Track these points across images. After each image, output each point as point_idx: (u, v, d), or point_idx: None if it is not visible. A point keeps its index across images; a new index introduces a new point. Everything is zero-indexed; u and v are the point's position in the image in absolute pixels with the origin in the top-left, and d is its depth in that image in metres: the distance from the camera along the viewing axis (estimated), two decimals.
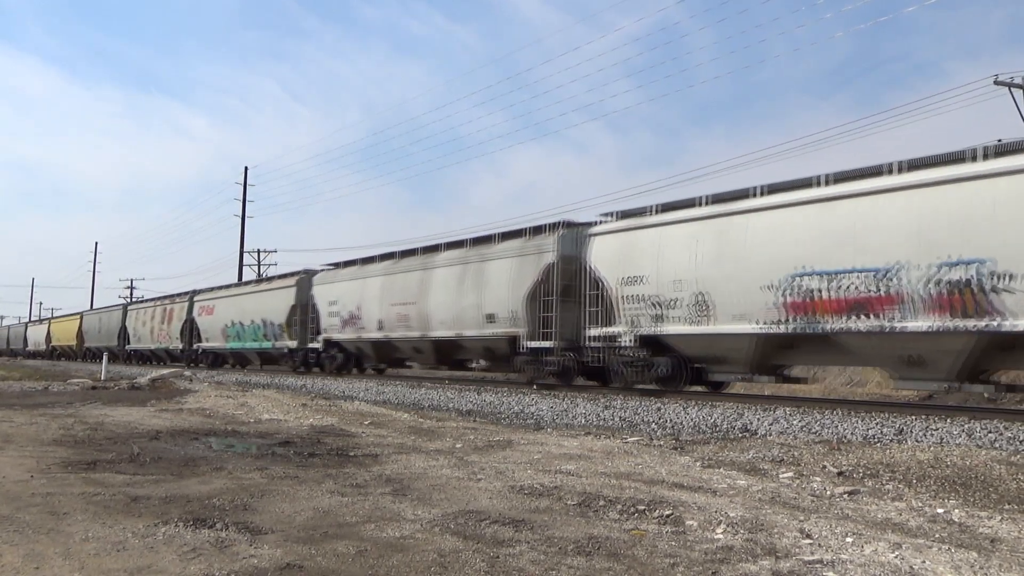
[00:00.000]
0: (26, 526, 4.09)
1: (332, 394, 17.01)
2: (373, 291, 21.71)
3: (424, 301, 19.47)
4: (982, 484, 5.71)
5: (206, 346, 33.34)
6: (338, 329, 23.25)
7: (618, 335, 14.73)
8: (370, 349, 22.41)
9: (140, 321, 41.18)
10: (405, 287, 20.39)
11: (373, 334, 21.57)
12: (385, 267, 21.95)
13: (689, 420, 10.44)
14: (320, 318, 24.30)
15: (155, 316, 38.99)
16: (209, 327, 32.75)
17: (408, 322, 20.05)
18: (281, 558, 3.56)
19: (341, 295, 23.22)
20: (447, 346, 19.41)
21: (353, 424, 10.05)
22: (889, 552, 3.78)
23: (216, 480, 5.61)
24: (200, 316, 33.55)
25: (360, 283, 22.51)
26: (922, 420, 9.34)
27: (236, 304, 30.49)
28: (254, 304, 28.90)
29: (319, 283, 24.95)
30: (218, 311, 31.94)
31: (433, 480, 5.74)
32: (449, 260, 19.37)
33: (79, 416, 10.34)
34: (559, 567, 3.49)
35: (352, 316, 22.47)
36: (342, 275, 23.95)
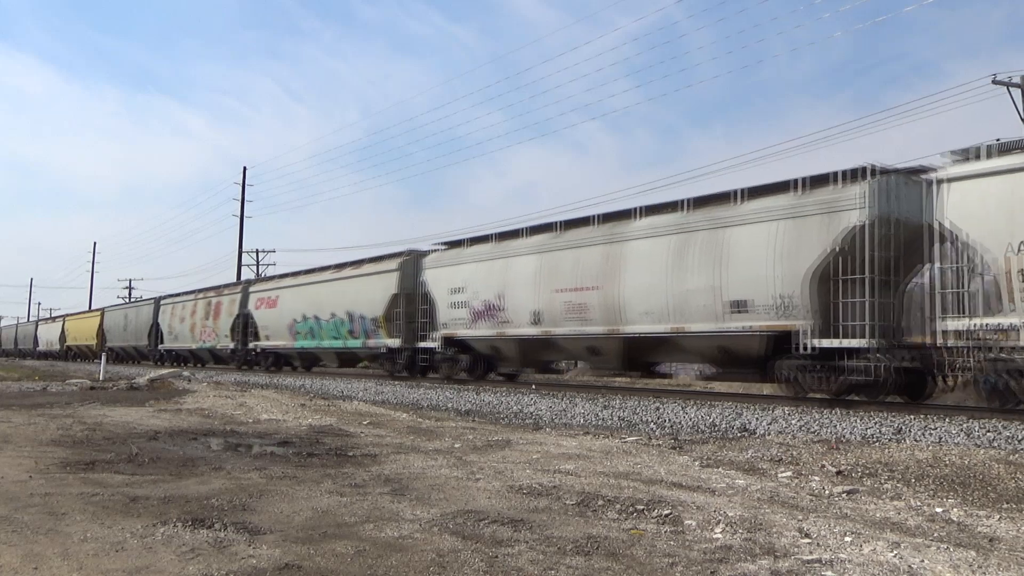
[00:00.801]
0: (25, 526, 4.09)
1: (330, 394, 17.01)
2: (523, 273, 16.72)
3: (613, 285, 14.54)
4: (980, 483, 5.71)
5: (266, 345, 27.99)
6: (466, 324, 18.31)
7: (1014, 328, 9.92)
8: (514, 350, 17.52)
9: (177, 317, 35.84)
10: (578, 267, 15.40)
11: (524, 330, 16.64)
12: (540, 242, 16.82)
13: (688, 420, 10.44)
14: (436, 310, 19.28)
15: (197, 311, 33.77)
16: (271, 322, 27.61)
17: (585, 313, 15.09)
18: (280, 558, 3.56)
19: (470, 280, 18.24)
20: (649, 345, 14.60)
21: (352, 424, 10.04)
22: (888, 551, 3.78)
23: (215, 480, 5.60)
24: (258, 310, 28.46)
25: (501, 264, 17.54)
26: (920, 419, 9.34)
27: (310, 294, 25.30)
28: (336, 294, 23.61)
29: (433, 266, 19.88)
30: (284, 303, 26.80)
31: (432, 480, 5.74)
32: (652, 228, 14.32)
33: (78, 416, 10.34)
34: (558, 567, 3.49)
35: (489, 307, 17.57)
36: (470, 255, 18.80)
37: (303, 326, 25.47)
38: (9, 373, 25.80)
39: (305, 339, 25.49)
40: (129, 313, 43.11)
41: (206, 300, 33.43)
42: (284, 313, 26.67)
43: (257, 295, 29.02)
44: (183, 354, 35.96)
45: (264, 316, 28.14)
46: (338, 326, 23.50)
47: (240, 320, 29.84)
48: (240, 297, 30.27)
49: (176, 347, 36.14)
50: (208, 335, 32.53)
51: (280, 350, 27.60)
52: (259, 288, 29.44)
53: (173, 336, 36.20)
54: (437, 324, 19.37)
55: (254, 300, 29.05)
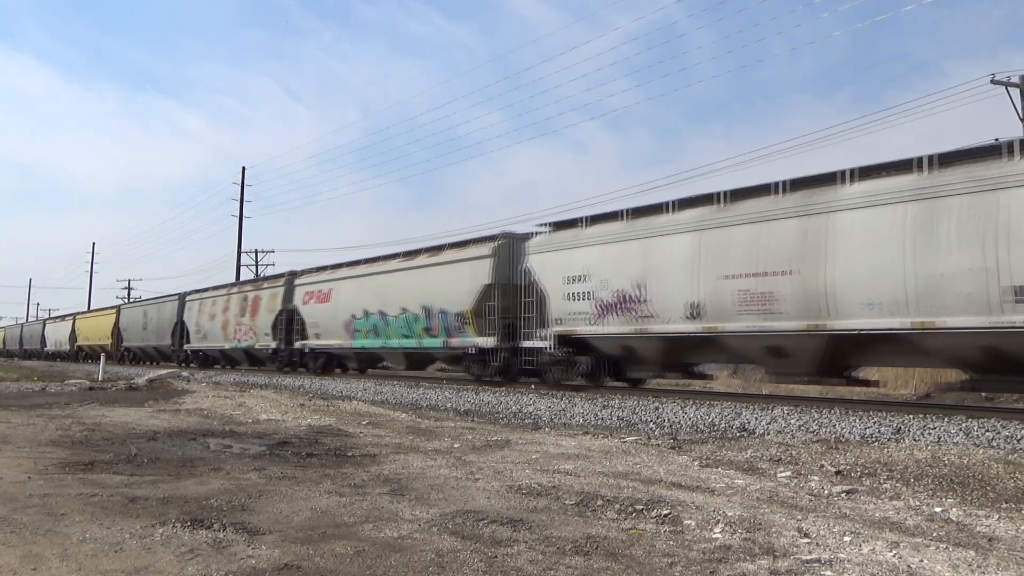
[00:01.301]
0: (24, 527, 4.09)
1: (330, 394, 17.01)
2: (673, 257, 13.57)
3: (814, 268, 11.54)
4: (980, 483, 5.71)
5: (316, 345, 24.87)
6: (588, 319, 15.11)
7: None
8: (655, 350, 14.19)
9: (206, 313, 32.49)
10: (758, 247, 12.33)
11: (674, 326, 13.46)
12: (697, 217, 13.43)
13: (687, 419, 10.45)
14: (546, 303, 16.14)
15: (230, 307, 30.55)
16: (322, 319, 24.38)
17: (770, 305, 12.06)
18: (279, 558, 3.56)
19: (595, 266, 15.00)
20: (864, 344, 11.56)
21: (351, 424, 10.04)
22: (887, 551, 3.79)
23: (214, 481, 5.60)
24: (306, 305, 25.31)
25: (639, 246, 14.27)
26: (920, 419, 9.35)
27: (373, 287, 22.10)
28: (409, 286, 20.48)
29: (540, 250, 16.65)
30: (339, 297, 23.61)
31: (431, 480, 5.74)
32: (874, 195, 11.20)
33: (76, 417, 10.33)
34: (557, 567, 3.49)
35: (624, 299, 14.37)
36: (592, 236, 15.44)
37: (364, 323, 22.17)
38: (8, 373, 25.78)
39: (366, 338, 22.14)
40: (149, 310, 39.51)
41: (241, 295, 30.12)
42: (339, 308, 23.40)
43: (305, 288, 25.60)
44: (212, 355, 32.87)
45: (314, 312, 24.89)
46: (410, 323, 20.28)
47: (283, 317, 26.59)
48: (283, 291, 26.92)
49: (205, 347, 32.88)
50: (244, 334, 29.29)
51: (333, 350, 24.34)
52: (308, 280, 25.87)
53: (201, 335, 32.98)
54: (548, 319, 16.06)
55: (301, 294, 25.78)
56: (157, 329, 37.66)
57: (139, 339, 40.09)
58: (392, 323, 20.96)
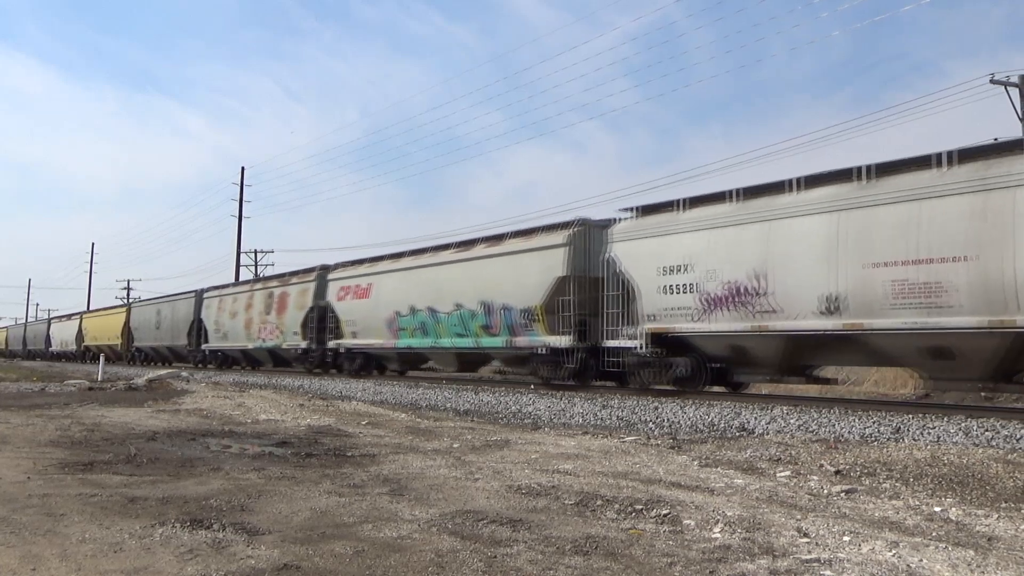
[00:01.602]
0: (23, 527, 4.09)
1: (329, 394, 17.01)
2: (803, 242, 11.68)
3: (998, 254, 9.82)
4: (979, 482, 5.72)
5: (353, 344, 22.88)
6: (691, 315, 13.18)
7: None
8: (775, 350, 12.42)
9: (227, 311, 30.55)
10: (917, 229, 10.47)
11: (805, 322, 11.67)
12: (832, 196, 11.56)
13: (686, 419, 10.45)
14: (637, 297, 14.13)
15: (253, 304, 28.61)
16: (360, 316, 22.39)
17: (936, 297, 10.23)
18: (278, 559, 3.56)
19: (699, 254, 13.11)
20: None
21: (350, 424, 10.04)
22: (886, 551, 3.79)
23: (213, 481, 5.60)
24: (341, 301, 23.27)
25: (757, 231, 12.36)
26: (919, 419, 9.35)
27: (422, 281, 20.01)
28: (465, 279, 18.51)
29: (628, 237, 14.56)
30: (380, 293, 21.61)
31: (430, 480, 5.74)
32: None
33: (76, 417, 10.33)
34: (557, 567, 3.49)
35: (738, 291, 12.60)
36: (693, 220, 13.45)
37: (410, 320, 20.21)
38: (7, 374, 25.77)
39: (412, 337, 20.31)
40: (163, 308, 37.28)
41: (266, 291, 28.09)
42: (381, 304, 21.46)
43: (340, 283, 23.57)
44: (233, 355, 30.97)
45: (351, 308, 22.85)
46: (465, 320, 18.36)
47: (314, 314, 24.62)
48: (314, 286, 24.98)
49: (225, 347, 30.97)
50: (269, 332, 27.24)
51: (373, 350, 22.38)
52: (343, 275, 23.77)
53: (221, 334, 31.01)
54: (638, 316, 14.17)
55: (335, 289, 23.74)
56: (171, 328, 35.73)
57: (151, 339, 38.18)
58: (444, 321, 19.04)
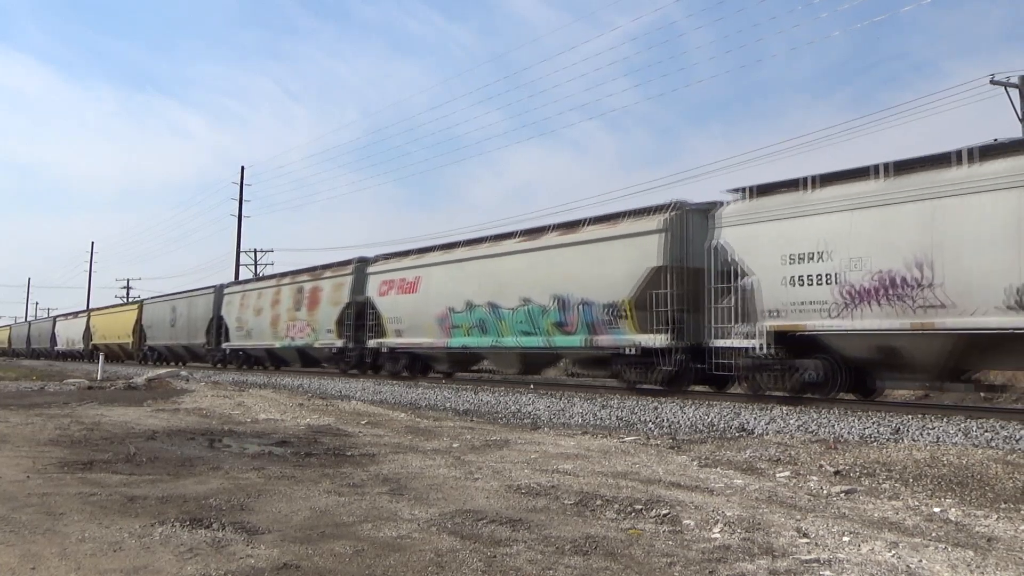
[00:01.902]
0: (23, 526, 4.09)
1: (328, 393, 17.00)
2: (982, 223, 9.94)
3: None
4: (978, 483, 5.72)
5: (399, 343, 20.75)
6: (827, 310, 11.37)
7: None
8: (934, 351, 10.61)
9: (250, 308, 28.50)
10: None
11: (985, 319, 9.90)
12: (1018, 168, 9.74)
13: (686, 419, 10.45)
14: (756, 290, 12.16)
15: (281, 300, 26.56)
16: (407, 313, 20.25)
17: None
18: (278, 558, 3.56)
19: (836, 238, 11.33)
20: None
21: (350, 424, 10.04)
22: (886, 551, 3.79)
23: (213, 480, 5.60)
24: (384, 296, 21.13)
25: (914, 210, 10.55)
26: (918, 419, 9.35)
27: (481, 273, 17.87)
28: (533, 271, 16.35)
29: (738, 221, 12.66)
30: (429, 287, 19.51)
31: (430, 480, 5.74)
32: None
33: (75, 416, 10.33)
34: (556, 566, 3.49)
35: (892, 281, 10.70)
36: (827, 200, 11.63)
37: (465, 317, 18.14)
38: (6, 373, 25.77)
39: (469, 335, 18.20)
40: (179, 305, 35.01)
41: (295, 286, 25.97)
42: (430, 300, 19.37)
43: (381, 277, 21.54)
44: (256, 354, 28.97)
45: (395, 304, 20.77)
46: (534, 317, 16.24)
47: (351, 310, 22.52)
48: (351, 280, 22.85)
49: (248, 346, 28.93)
50: (299, 331, 25.20)
51: (420, 350, 20.31)
52: (385, 268, 21.75)
53: (243, 332, 28.96)
54: (755, 311, 12.25)
55: (376, 283, 21.70)
56: (188, 326, 33.58)
57: (166, 337, 35.94)
58: (507, 317, 16.95)
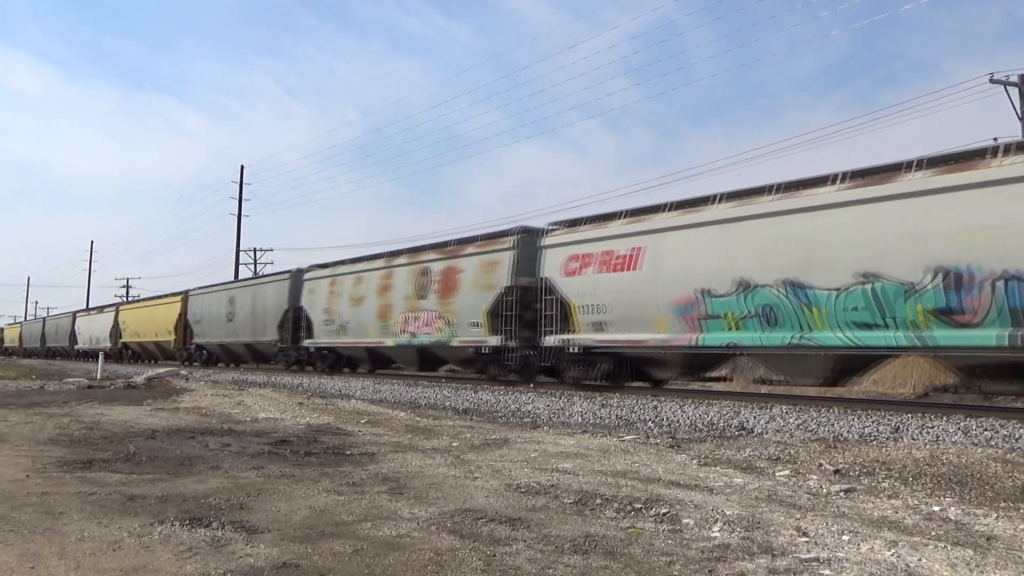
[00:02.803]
0: (22, 525, 4.08)
1: (328, 393, 17.00)
2: None
3: None
4: (978, 482, 5.72)
5: (599, 340, 15.18)
6: None
7: None
8: None
9: (345, 296, 23.03)
10: None
11: None
12: None
13: (686, 418, 10.45)
14: None
15: (393, 285, 20.99)
16: (615, 298, 14.79)
17: None
18: (277, 557, 3.55)
19: None
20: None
21: (350, 423, 10.04)
22: (885, 550, 3.79)
23: (212, 479, 5.60)
24: (576, 276, 15.57)
25: None
26: (918, 418, 9.35)
27: (767, 236, 12.53)
28: (889, 229, 10.99)
29: None
30: (661, 260, 14.04)
31: (429, 479, 5.74)
32: None
33: (75, 415, 10.32)
34: (556, 565, 3.49)
35: None
36: None
37: (734, 303, 12.77)
38: (6, 372, 25.76)
39: (739, 328, 12.81)
40: (239, 296, 29.37)
41: (416, 267, 20.26)
42: (662, 278, 13.97)
43: (568, 250, 15.98)
44: (353, 354, 23.48)
45: (594, 287, 15.20)
46: (884, 299, 10.99)
47: (511, 297, 17.11)
48: (512, 257, 17.33)
49: (342, 344, 23.32)
50: (424, 324, 19.76)
51: (642, 349, 14.65)
52: (572, 238, 16.14)
53: (335, 327, 23.39)
54: None
55: (558, 259, 16.14)
56: (251, 319, 28.14)
57: (221, 334, 30.56)
58: (825, 301, 11.86)
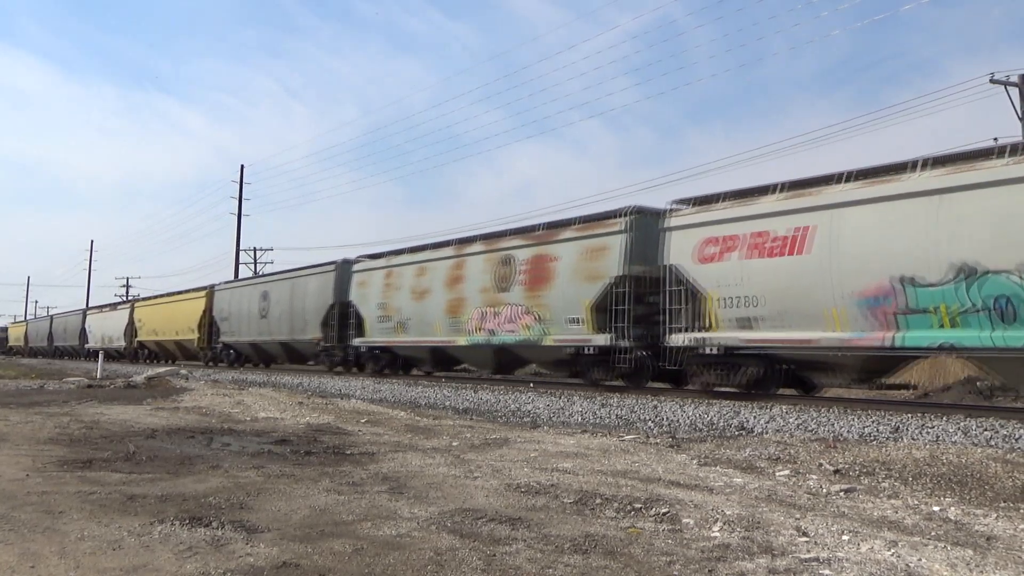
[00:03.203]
0: (22, 525, 4.08)
1: (328, 392, 17.00)
2: None
3: None
4: (978, 482, 5.72)
5: (738, 340, 12.62)
6: None
7: None
8: None
9: (405, 289, 20.29)
10: None
11: None
12: None
13: (686, 418, 10.45)
14: None
15: (466, 276, 18.34)
16: (769, 288, 12.18)
17: None
18: (277, 556, 3.55)
19: None
20: None
21: (350, 422, 10.04)
22: (885, 550, 3.79)
23: (212, 479, 5.60)
24: (715, 262, 13.00)
25: None
26: (918, 418, 9.35)
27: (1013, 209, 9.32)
28: None
29: None
30: (839, 239, 11.21)
31: (429, 478, 5.74)
32: None
33: (75, 415, 10.32)
34: (556, 565, 3.49)
35: None
36: None
37: (949, 293, 10.03)
38: (6, 371, 25.76)
39: (957, 325, 10.04)
40: (274, 290, 26.44)
41: (492, 256, 17.72)
42: (839, 263, 11.21)
43: (702, 232, 13.35)
44: (412, 355, 20.92)
45: (742, 275, 12.56)
46: None
47: (621, 288, 14.54)
48: (623, 240, 14.70)
49: (399, 343, 20.69)
50: (506, 320, 17.13)
51: (804, 351, 12.07)
52: (709, 218, 13.39)
53: (391, 324, 20.68)
54: None
55: (689, 243, 13.50)
56: (289, 316, 25.44)
57: (253, 332, 27.84)
58: None
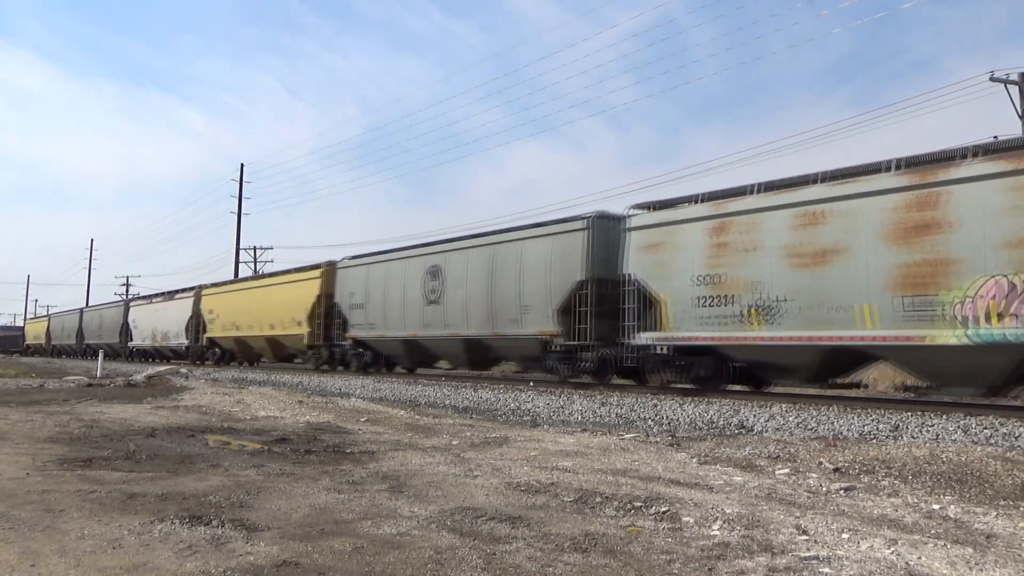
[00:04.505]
0: (22, 523, 4.08)
1: (328, 391, 16.99)
2: None
3: None
4: (978, 480, 5.72)
5: None
6: None
7: None
8: None
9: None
10: None
11: None
12: None
13: (686, 417, 10.45)
14: None
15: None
16: None
17: None
18: (277, 555, 3.55)
19: None
20: None
21: (349, 421, 10.04)
22: (885, 548, 3.79)
23: (212, 477, 5.60)
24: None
25: None
26: (918, 417, 9.35)
27: None
28: None
29: None
30: None
31: (429, 477, 5.74)
32: None
33: (75, 413, 10.32)
34: (555, 563, 3.49)
35: None
36: None
37: None
38: (6, 370, 25.75)
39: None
40: (455, 261, 18.45)
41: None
42: None
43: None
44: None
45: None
46: None
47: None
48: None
49: None
50: None
51: None
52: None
53: None
54: None
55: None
56: (487, 301, 17.32)
57: (410, 324, 19.81)
58: None
